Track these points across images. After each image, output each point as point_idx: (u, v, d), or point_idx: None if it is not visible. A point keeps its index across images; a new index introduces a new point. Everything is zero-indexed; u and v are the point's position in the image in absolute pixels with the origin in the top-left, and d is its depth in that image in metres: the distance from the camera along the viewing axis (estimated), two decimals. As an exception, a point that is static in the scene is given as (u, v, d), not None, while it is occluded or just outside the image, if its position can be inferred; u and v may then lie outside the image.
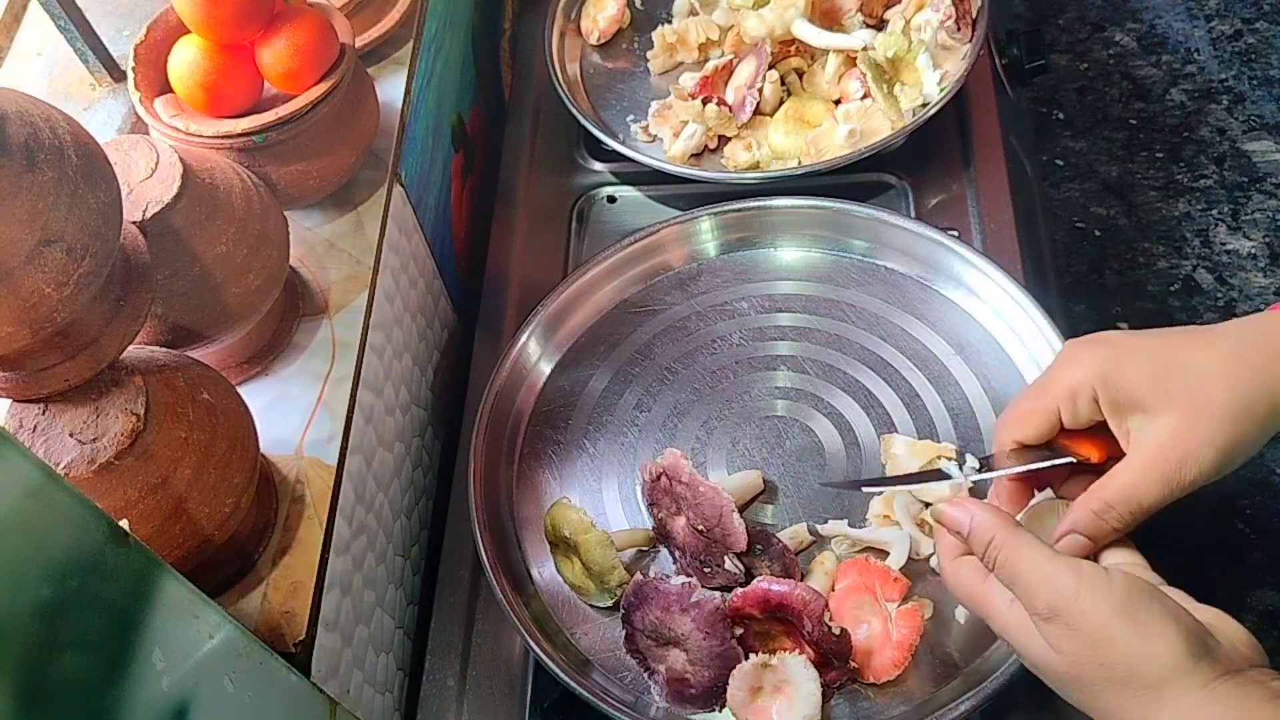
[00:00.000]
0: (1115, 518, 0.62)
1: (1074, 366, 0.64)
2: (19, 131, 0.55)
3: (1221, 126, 2.02)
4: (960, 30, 1.06)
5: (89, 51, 0.89)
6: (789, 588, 0.75)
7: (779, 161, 1.06)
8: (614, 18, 1.20)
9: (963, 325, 0.93)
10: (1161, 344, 0.63)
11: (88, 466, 0.61)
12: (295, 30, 0.80)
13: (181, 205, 0.71)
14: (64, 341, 0.61)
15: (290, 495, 0.77)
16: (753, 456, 0.89)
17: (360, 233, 0.89)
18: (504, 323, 1.04)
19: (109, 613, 0.48)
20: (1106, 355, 0.64)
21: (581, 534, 0.81)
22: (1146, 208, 1.94)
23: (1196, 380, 0.61)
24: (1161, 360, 0.62)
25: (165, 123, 0.80)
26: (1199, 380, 0.61)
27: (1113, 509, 0.62)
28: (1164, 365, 0.62)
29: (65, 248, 0.56)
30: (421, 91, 1.00)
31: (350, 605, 0.79)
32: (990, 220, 1.02)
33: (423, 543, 0.98)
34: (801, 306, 0.97)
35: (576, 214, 1.11)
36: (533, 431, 0.94)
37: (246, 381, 0.82)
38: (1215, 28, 2.15)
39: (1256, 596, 1.52)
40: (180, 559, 0.65)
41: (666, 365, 0.96)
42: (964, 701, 0.73)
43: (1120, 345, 0.64)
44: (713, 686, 0.76)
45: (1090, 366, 0.63)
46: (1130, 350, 0.63)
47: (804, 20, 1.08)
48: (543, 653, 0.79)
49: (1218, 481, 0.63)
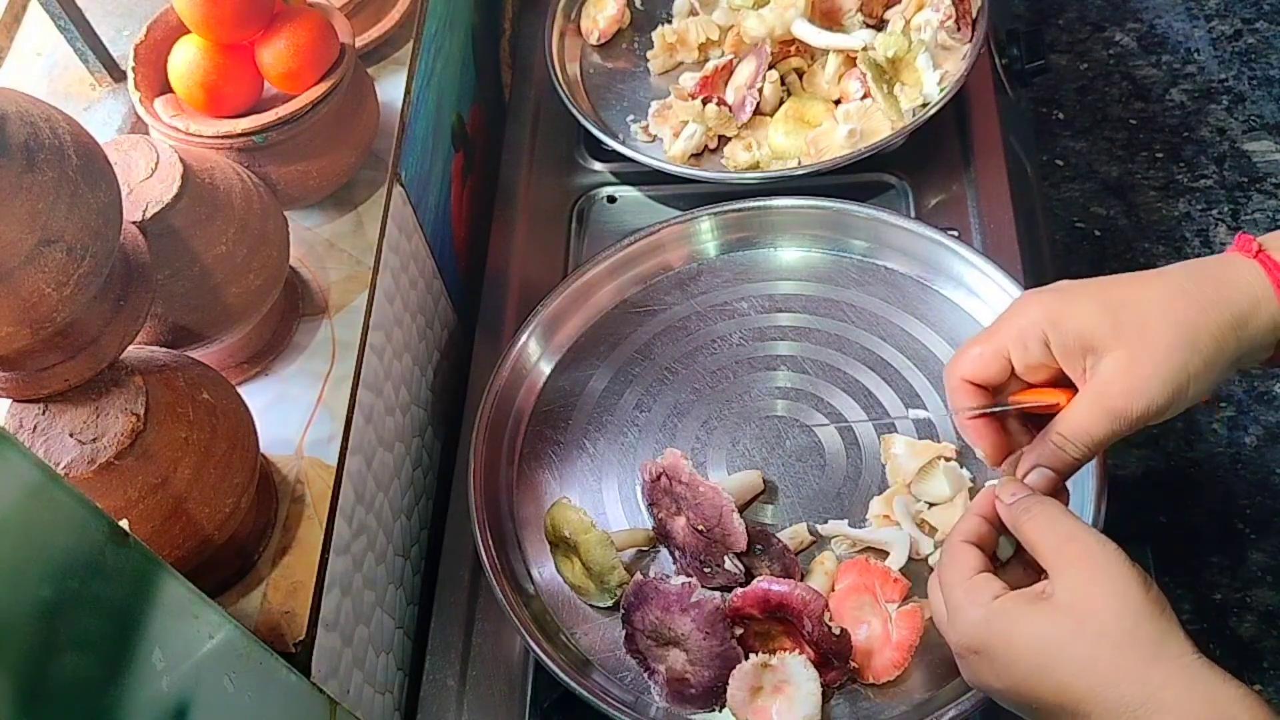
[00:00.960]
0: (1073, 449, 0.65)
1: (1023, 311, 0.67)
2: (19, 131, 0.55)
3: (1221, 126, 2.02)
4: (960, 30, 1.06)
5: (89, 51, 0.89)
6: (789, 588, 0.75)
7: (779, 161, 1.06)
8: (614, 18, 1.20)
9: (963, 325, 0.93)
10: (1107, 285, 0.66)
11: (88, 466, 0.61)
12: (295, 30, 0.80)
13: (181, 205, 0.71)
14: (64, 341, 0.61)
15: (290, 495, 0.77)
16: (753, 456, 0.89)
17: (360, 233, 0.89)
18: (504, 323, 1.04)
19: (109, 613, 0.48)
20: (1054, 299, 0.66)
21: (581, 534, 0.81)
22: (1146, 208, 1.94)
23: (1140, 315, 0.63)
24: (1107, 299, 0.64)
25: (165, 123, 0.80)
26: (1142, 315, 0.63)
27: (1069, 442, 0.65)
28: (1109, 304, 0.64)
29: (65, 248, 0.56)
30: (421, 91, 1.00)
31: (350, 605, 0.79)
32: (990, 220, 1.02)
33: (423, 543, 0.98)
34: (801, 306, 0.97)
35: (576, 214, 1.11)
36: (533, 431, 0.94)
37: (246, 381, 0.82)
38: (1215, 28, 2.15)
39: (1256, 596, 1.52)
40: (180, 559, 0.65)
41: (666, 365, 0.96)
42: (964, 701, 0.73)
43: (1068, 290, 0.66)
44: (713, 686, 0.76)
45: (1038, 310, 0.66)
46: (1077, 293, 0.66)
47: (804, 20, 1.08)
48: (543, 653, 0.79)
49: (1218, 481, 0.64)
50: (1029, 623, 0.60)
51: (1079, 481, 0.81)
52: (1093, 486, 0.80)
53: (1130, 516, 1.45)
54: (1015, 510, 0.64)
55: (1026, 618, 0.60)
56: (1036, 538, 0.63)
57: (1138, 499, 1.61)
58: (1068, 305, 0.65)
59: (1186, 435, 1.67)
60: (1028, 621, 0.60)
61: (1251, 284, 0.63)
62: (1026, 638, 0.59)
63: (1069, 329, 0.64)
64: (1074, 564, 0.60)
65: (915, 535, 0.82)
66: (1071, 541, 0.61)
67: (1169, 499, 1.62)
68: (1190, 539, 1.59)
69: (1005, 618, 0.60)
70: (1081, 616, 0.59)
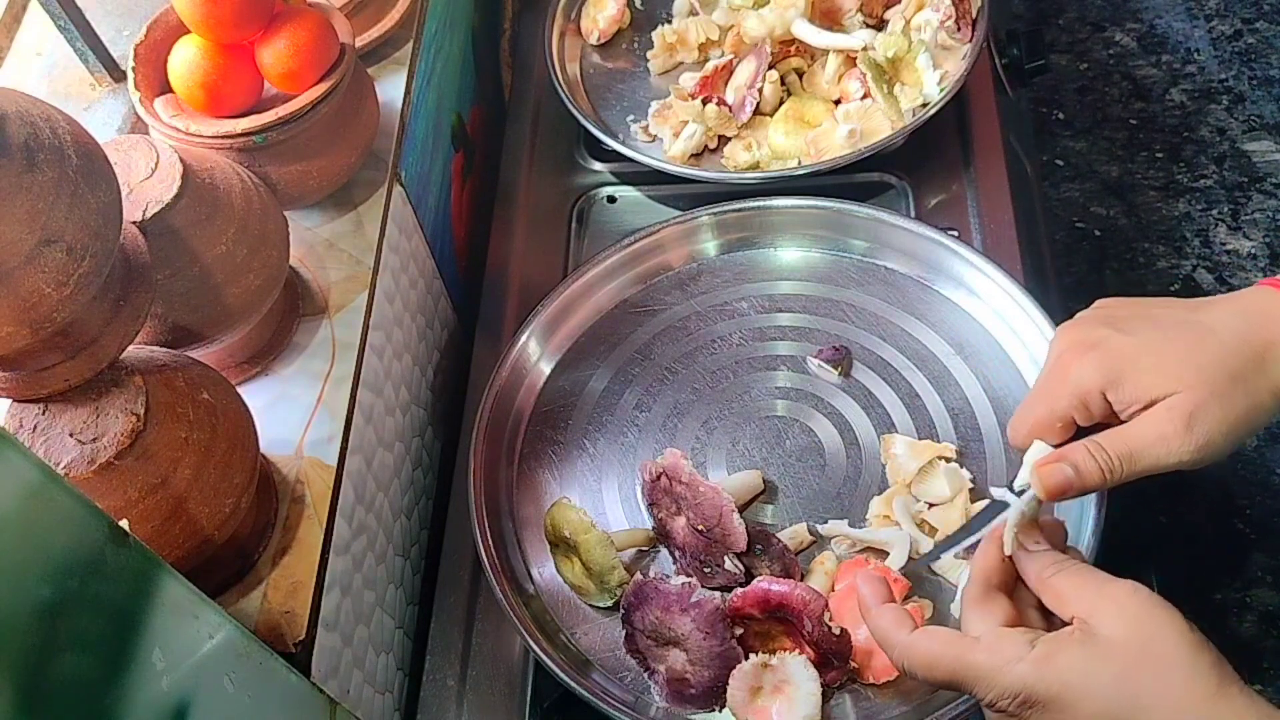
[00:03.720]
0: (1106, 460, 0.63)
1: (1079, 375, 0.65)
2: (19, 131, 0.55)
3: (1221, 126, 2.02)
4: (960, 30, 1.06)
5: (89, 51, 0.89)
6: (789, 588, 0.75)
7: (779, 161, 1.06)
8: (614, 18, 1.20)
9: (963, 325, 0.93)
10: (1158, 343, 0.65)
11: (88, 466, 0.61)
12: (295, 30, 0.80)
13: (181, 205, 0.71)
14: (64, 341, 0.61)
15: (290, 495, 0.77)
16: (753, 456, 0.89)
17: (360, 233, 0.89)
18: (504, 323, 1.04)
19: (109, 613, 0.48)
20: (1108, 363, 0.65)
21: (581, 534, 0.81)
22: (1146, 208, 1.94)
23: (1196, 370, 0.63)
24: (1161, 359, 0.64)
25: (165, 123, 0.80)
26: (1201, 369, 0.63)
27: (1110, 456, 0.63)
28: (1165, 362, 0.64)
29: (65, 248, 0.56)
30: (421, 91, 1.00)
31: (350, 605, 0.79)
32: (990, 220, 1.02)
33: (423, 543, 0.98)
34: (801, 306, 0.97)
35: (576, 214, 1.11)
36: (533, 431, 0.94)
37: (246, 381, 0.82)
38: (1215, 28, 2.15)
39: (1256, 596, 1.52)
40: (180, 559, 0.65)
41: (666, 365, 0.96)
42: (964, 701, 0.73)
43: (1118, 351, 0.65)
44: (713, 686, 0.76)
45: (1095, 374, 0.65)
46: (1129, 355, 0.64)
47: (804, 20, 1.08)
48: (543, 653, 0.79)
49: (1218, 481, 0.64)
50: (1086, 670, 0.57)
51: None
52: (1093, 486, 0.79)
53: (1130, 517, 1.45)
54: (1042, 562, 0.63)
55: (1081, 665, 0.57)
56: (1067, 587, 0.61)
57: (1138, 499, 1.60)
58: (1123, 368, 0.64)
59: (1186, 435, 1.66)
60: (1084, 669, 0.57)
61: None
62: (1085, 685, 0.57)
63: (1128, 390, 0.64)
64: (1119, 603, 0.59)
65: (915, 535, 0.82)
66: (1109, 585, 0.60)
67: (1169, 499, 1.62)
68: (1190, 539, 1.59)
69: (1058, 661, 0.58)
70: (1142, 651, 0.57)
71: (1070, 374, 0.66)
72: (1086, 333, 0.67)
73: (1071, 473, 0.64)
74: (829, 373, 0.92)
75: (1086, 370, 0.65)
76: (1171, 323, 0.65)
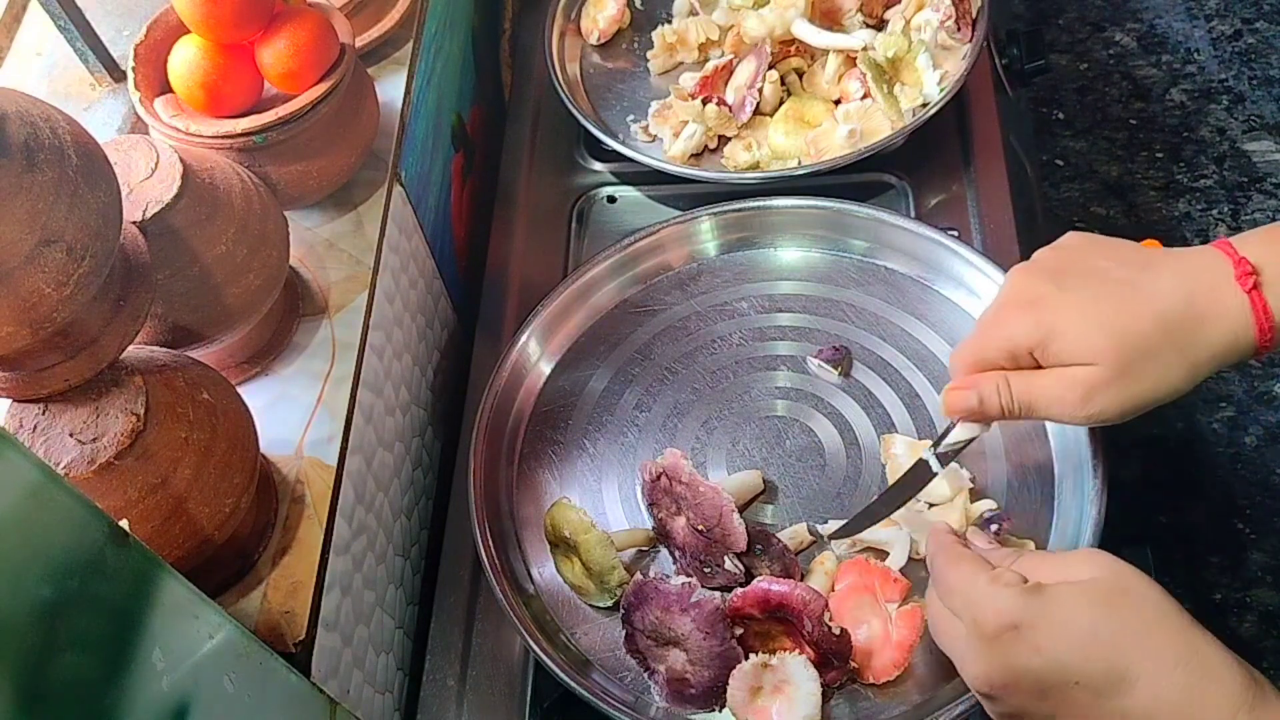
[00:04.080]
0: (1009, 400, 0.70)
1: (1013, 331, 0.70)
2: (19, 131, 0.55)
3: (1221, 126, 2.02)
4: (960, 30, 1.06)
5: (89, 51, 0.89)
6: (789, 588, 0.75)
7: (779, 161, 1.06)
8: (614, 18, 1.20)
9: (963, 325, 0.93)
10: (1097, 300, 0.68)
11: (88, 466, 0.61)
12: (295, 30, 0.80)
13: (181, 205, 0.71)
14: (64, 341, 0.61)
15: (290, 495, 0.77)
16: (753, 456, 0.89)
17: (360, 233, 0.89)
18: (504, 323, 1.04)
19: (109, 613, 0.48)
20: (1043, 325, 0.69)
21: (581, 534, 0.81)
22: (1146, 208, 1.94)
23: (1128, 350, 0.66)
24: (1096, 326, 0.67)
25: (165, 123, 0.80)
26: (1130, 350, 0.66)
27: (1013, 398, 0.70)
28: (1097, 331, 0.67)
29: (65, 248, 0.56)
30: (421, 91, 1.00)
31: (350, 605, 0.79)
32: (990, 220, 1.02)
33: (423, 543, 0.98)
34: (801, 306, 0.97)
35: (576, 214, 1.11)
36: (533, 431, 0.94)
37: (246, 381, 0.82)
38: (1215, 28, 2.15)
39: (1256, 596, 1.52)
40: (180, 559, 0.65)
41: (666, 365, 0.96)
42: (964, 701, 0.73)
43: (1053, 312, 0.69)
44: (713, 686, 0.76)
45: (1028, 335, 0.69)
46: (1061, 317, 0.68)
47: (804, 20, 1.08)
48: (543, 653, 0.79)
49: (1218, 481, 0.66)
50: (1070, 596, 0.61)
51: (1079, 482, 0.81)
52: (1093, 487, 0.80)
53: (1130, 516, 1.45)
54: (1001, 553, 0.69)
55: (1066, 593, 0.61)
56: (1030, 566, 0.65)
57: (1138, 499, 1.61)
58: (1055, 329, 0.68)
59: (1186, 435, 1.67)
60: (1068, 595, 0.61)
61: (1234, 326, 0.66)
62: (1071, 607, 0.60)
63: (1054, 350, 0.68)
64: (1085, 558, 0.64)
65: (915, 535, 0.82)
66: (1069, 553, 0.67)
67: (1169, 499, 1.62)
68: (1190, 539, 1.59)
69: (1042, 593, 0.61)
70: (1121, 590, 0.61)
71: (1005, 328, 0.71)
72: (1031, 286, 0.71)
73: (975, 402, 0.71)
74: (829, 373, 0.92)
75: (1021, 329, 0.70)
76: (1113, 281, 0.69)
